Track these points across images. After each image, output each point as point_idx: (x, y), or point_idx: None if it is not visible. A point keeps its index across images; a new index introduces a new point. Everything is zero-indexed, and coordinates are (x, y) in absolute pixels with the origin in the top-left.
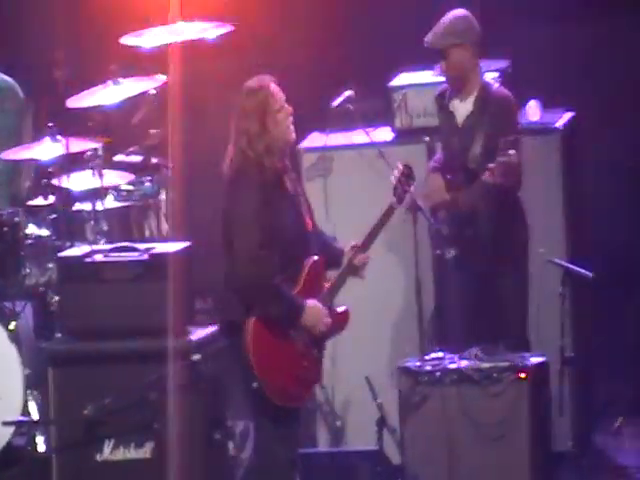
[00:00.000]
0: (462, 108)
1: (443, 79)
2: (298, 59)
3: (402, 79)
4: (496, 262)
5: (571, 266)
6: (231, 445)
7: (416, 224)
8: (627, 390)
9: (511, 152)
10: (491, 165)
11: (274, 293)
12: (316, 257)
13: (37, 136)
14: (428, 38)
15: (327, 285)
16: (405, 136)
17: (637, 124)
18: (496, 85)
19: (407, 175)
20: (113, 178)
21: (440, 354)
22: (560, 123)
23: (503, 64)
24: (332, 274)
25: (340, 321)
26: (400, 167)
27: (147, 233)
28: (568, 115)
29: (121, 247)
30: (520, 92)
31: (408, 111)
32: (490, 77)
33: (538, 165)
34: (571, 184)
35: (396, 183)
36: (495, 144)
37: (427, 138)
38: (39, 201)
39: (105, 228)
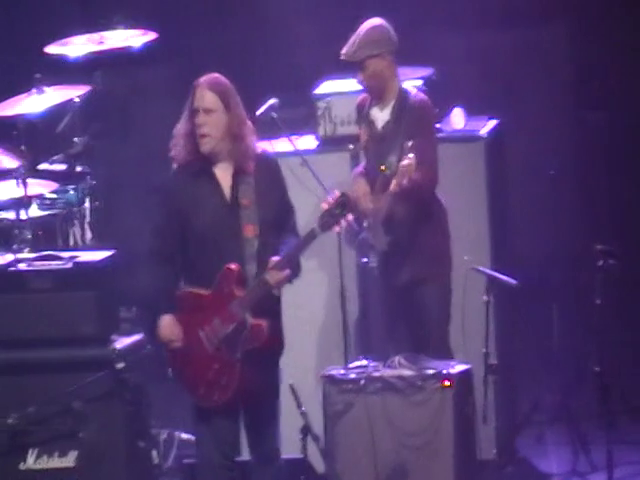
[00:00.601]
0: (381, 117)
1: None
2: (222, 67)
3: (326, 87)
4: (418, 271)
5: (495, 274)
6: (155, 453)
7: (341, 232)
8: (551, 397)
9: (410, 156)
10: (395, 178)
11: (149, 300)
12: (233, 266)
13: None
14: (345, 51)
15: (240, 295)
16: (329, 144)
17: (559, 132)
18: (414, 92)
19: (342, 205)
20: (37, 187)
21: (364, 362)
22: (484, 131)
23: (427, 72)
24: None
25: (253, 333)
26: (336, 195)
27: (71, 242)
28: (492, 123)
29: (45, 256)
30: (444, 100)
31: (332, 119)
32: (410, 85)
33: (462, 173)
34: (495, 192)
35: (326, 210)
36: (411, 151)
37: (351, 146)
38: None
39: (29, 237)
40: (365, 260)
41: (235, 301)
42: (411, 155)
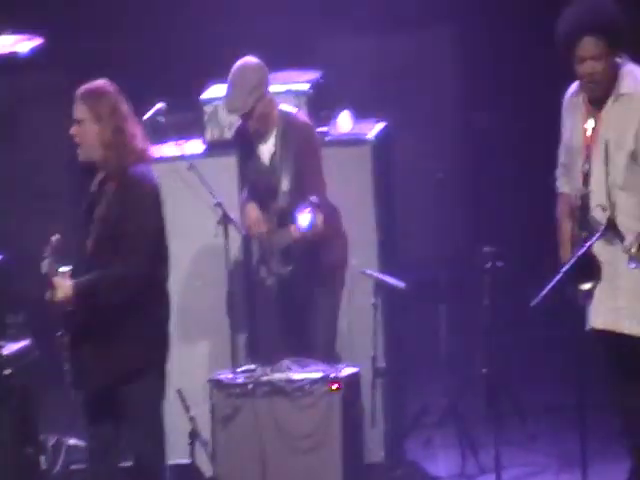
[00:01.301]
0: (266, 149)
1: None
2: (110, 72)
3: (213, 91)
4: (312, 283)
5: (383, 277)
6: (43, 459)
7: (227, 238)
8: (439, 400)
9: (320, 217)
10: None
11: None
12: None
13: None
14: (231, 106)
15: None
16: (216, 148)
17: (446, 134)
18: (294, 111)
19: None
20: None
21: (252, 367)
22: (371, 134)
23: (314, 75)
24: None
25: None
26: None
27: None
28: (380, 126)
29: None
30: (332, 103)
31: (219, 123)
32: (292, 92)
33: (350, 176)
34: (382, 194)
35: None
36: (301, 178)
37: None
38: None
39: None
40: (260, 277)
41: None
42: (321, 216)
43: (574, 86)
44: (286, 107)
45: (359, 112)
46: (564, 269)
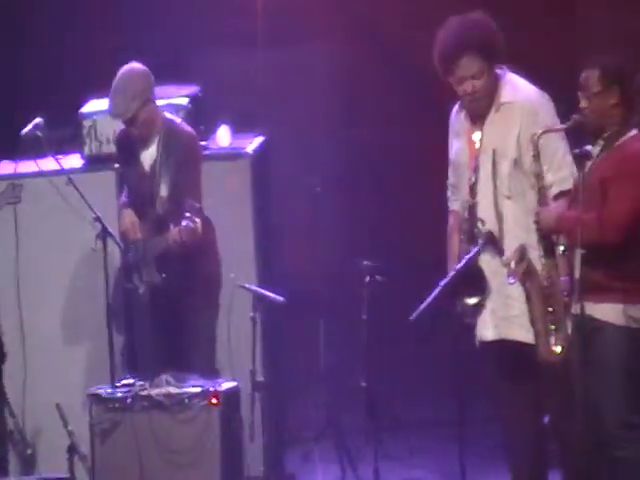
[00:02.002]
0: (148, 154)
1: None
2: None
3: (92, 106)
4: (185, 296)
5: (262, 291)
6: None
7: (106, 252)
8: (318, 414)
9: (197, 220)
10: (176, 229)
11: None
12: None
13: None
14: (115, 111)
15: None
16: (95, 163)
17: (325, 149)
18: (179, 121)
19: None
20: None
21: (131, 381)
22: (250, 148)
23: (193, 89)
24: None
25: None
26: None
27: None
28: (258, 140)
29: None
30: (210, 117)
31: (98, 138)
32: (170, 106)
33: (228, 190)
34: (261, 209)
35: None
36: (180, 187)
37: (117, 165)
38: None
39: None
40: (130, 285)
41: None
42: (198, 220)
43: (457, 106)
44: (171, 116)
45: (238, 126)
46: (442, 283)
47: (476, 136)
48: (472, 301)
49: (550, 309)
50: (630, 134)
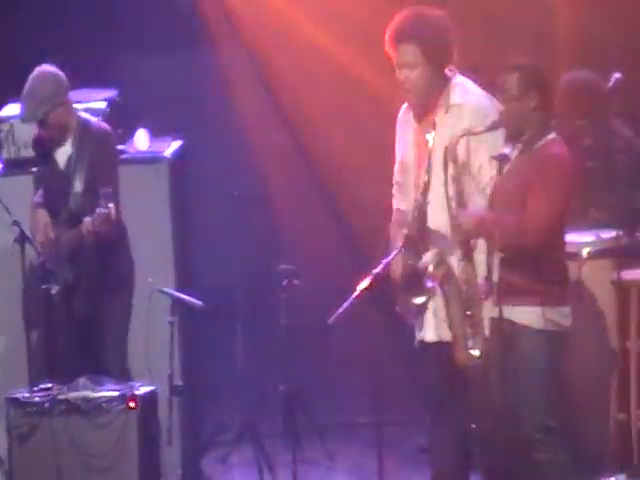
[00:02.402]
0: (63, 152)
1: None
2: None
3: (9, 110)
4: (98, 296)
5: (180, 295)
6: None
7: (24, 256)
8: (236, 418)
9: (110, 206)
10: (89, 218)
11: None
12: None
13: None
14: (24, 114)
15: None
16: (13, 167)
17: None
18: (94, 120)
19: None
20: None
21: (49, 385)
22: (168, 152)
23: (111, 93)
24: None
25: None
26: None
27: None
28: (176, 144)
29: None
30: (128, 121)
31: (15, 142)
32: (95, 106)
33: (146, 194)
34: (179, 213)
35: None
36: (95, 182)
37: (35, 169)
38: None
39: None
40: (44, 286)
41: None
42: (111, 205)
43: (405, 105)
44: (87, 115)
45: (156, 130)
46: (360, 287)
47: (430, 136)
48: (419, 301)
49: (468, 313)
50: (549, 137)
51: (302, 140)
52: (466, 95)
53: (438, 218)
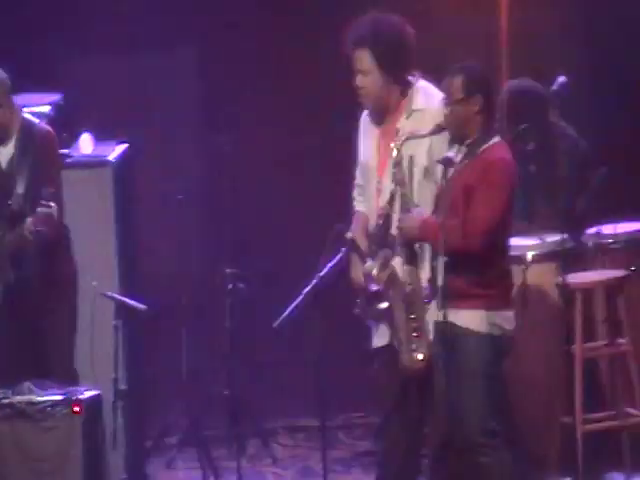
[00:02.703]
0: (4, 152)
1: None
2: None
3: None
4: (42, 298)
5: (124, 299)
6: None
7: None
8: (180, 421)
9: (52, 205)
10: (31, 217)
11: None
12: None
13: None
14: None
15: None
16: None
17: (187, 155)
18: (37, 122)
19: None
20: None
21: None
22: (112, 155)
23: (55, 97)
24: None
25: None
26: None
27: None
28: (121, 147)
29: None
30: (73, 125)
31: None
32: (39, 110)
33: (90, 198)
34: (123, 216)
35: None
36: (37, 184)
37: None
38: None
39: None
40: None
41: None
42: (53, 204)
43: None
44: (31, 117)
45: (100, 134)
46: (305, 291)
47: (385, 142)
48: (383, 305)
49: (412, 316)
50: (492, 141)
51: (248, 141)
52: (428, 99)
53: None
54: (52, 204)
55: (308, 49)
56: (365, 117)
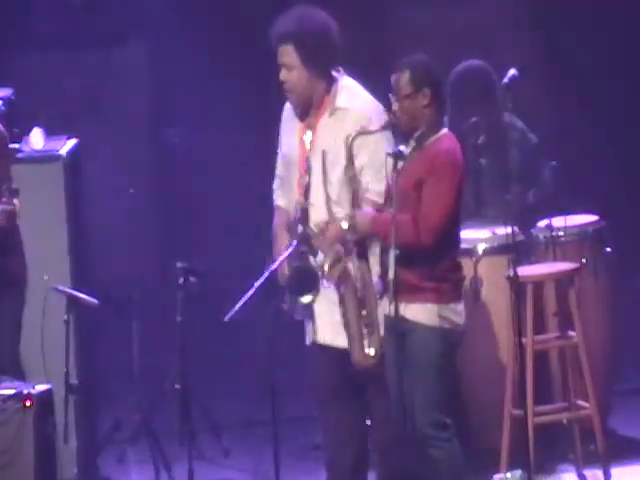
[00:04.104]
0: None
1: None
2: None
3: None
4: None
5: (76, 293)
6: None
7: None
8: (132, 416)
9: (15, 202)
10: None
11: None
12: None
13: None
14: None
15: None
16: None
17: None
18: None
19: None
20: None
21: None
22: (63, 150)
23: (6, 92)
24: None
25: None
26: None
27: None
28: (72, 142)
29: None
30: (23, 120)
31: None
32: None
33: (42, 193)
34: (75, 211)
35: None
36: None
37: None
38: None
39: None
40: None
41: None
42: (16, 201)
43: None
44: None
45: (51, 129)
46: (256, 284)
47: (307, 137)
48: (305, 299)
49: (364, 312)
50: (440, 133)
51: (199, 135)
52: (352, 99)
53: (319, 220)
54: (15, 201)
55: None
56: (288, 110)
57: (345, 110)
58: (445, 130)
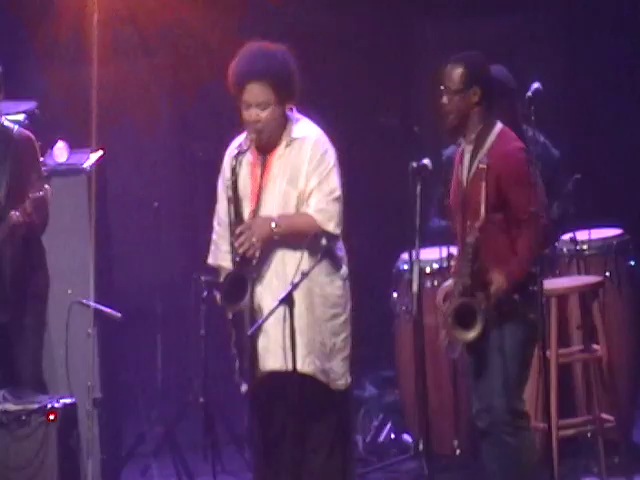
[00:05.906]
0: None
1: None
2: None
3: None
4: (12, 307)
5: (99, 306)
6: None
7: None
8: (155, 429)
9: (47, 187)
10: (27, 200)
11: None
12: None
13: None
14: None
15: None
16: None
17: (162, 163)
18: (16, 127)
19: None
20: None
21: None
22: (87, 163)
23: (30, 105)
24: None
25: None
26: None
27: None
28: (95, 155)
29: None
30: (48, 133)
31: None
32: (13, 119)
33: (66, 206)
34: (99, 224)
35: None
36: (19, 184)
37: None
38: None
39: None
40: None
41: None
42: (47, 187)
43: (240, 137)
44: (9, 123)
45: (74, 142)
46: (280, 298)
47: (259, 171)
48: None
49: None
50: (495, 129)
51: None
52: (307, 129)
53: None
54: (46, 187)
55: None
56: (237, 147)
57: (302, 140)
58: (499, 125)
